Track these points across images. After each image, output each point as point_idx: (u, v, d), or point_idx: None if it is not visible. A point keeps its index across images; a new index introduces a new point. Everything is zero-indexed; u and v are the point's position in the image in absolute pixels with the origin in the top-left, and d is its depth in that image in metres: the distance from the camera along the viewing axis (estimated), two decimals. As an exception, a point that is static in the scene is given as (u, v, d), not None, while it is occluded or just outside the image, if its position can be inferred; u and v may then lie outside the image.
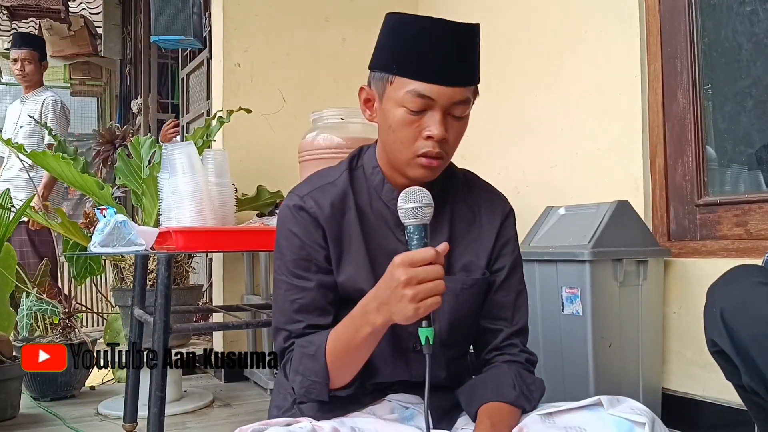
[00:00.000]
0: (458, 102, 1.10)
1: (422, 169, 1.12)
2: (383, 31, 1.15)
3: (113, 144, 3.01)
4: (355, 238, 1.18)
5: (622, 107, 2.35)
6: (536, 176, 2.72)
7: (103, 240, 1.90)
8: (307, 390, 1.12)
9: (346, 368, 1.12)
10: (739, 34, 2.13)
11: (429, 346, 1.02)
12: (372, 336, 1.06)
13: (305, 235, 1.16)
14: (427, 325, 1.01)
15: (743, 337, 1.15)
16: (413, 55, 1.08)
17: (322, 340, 1.11)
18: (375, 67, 1.15)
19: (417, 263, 0.99)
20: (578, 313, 1.98)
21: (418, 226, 1.03)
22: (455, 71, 1.09)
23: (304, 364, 1.11)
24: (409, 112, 1.09)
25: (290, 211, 1.18)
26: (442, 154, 1.12)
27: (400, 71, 1.09)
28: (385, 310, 1.01)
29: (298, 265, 1.17)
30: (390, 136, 1.14)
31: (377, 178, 1.21)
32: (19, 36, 4.64)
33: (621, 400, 1.10)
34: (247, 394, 2.88)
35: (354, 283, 1.17)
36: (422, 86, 1.08)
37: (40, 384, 2.75)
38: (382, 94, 1.14)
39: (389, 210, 1.19)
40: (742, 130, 2.16)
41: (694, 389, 2.10)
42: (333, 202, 1.18)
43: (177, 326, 1.85)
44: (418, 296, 0.98)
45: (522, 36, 2.81)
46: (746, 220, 2.04)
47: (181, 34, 3.50)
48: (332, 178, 1.22)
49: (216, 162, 2.16)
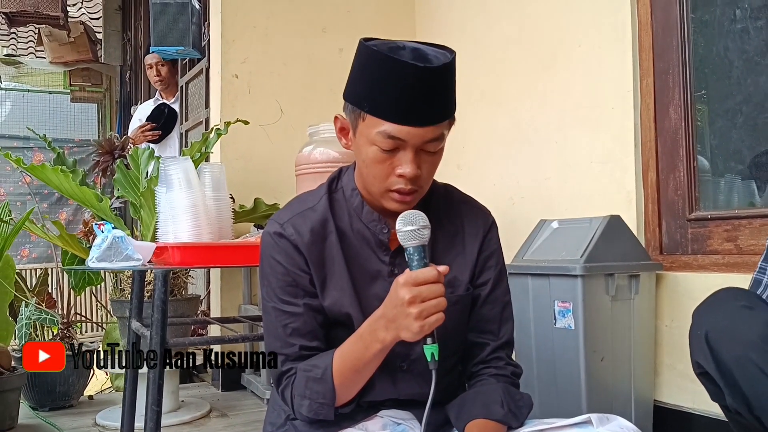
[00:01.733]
0: (431, 140, 1.09)
1: (396, 203, 1.13)
2: (355, 61, 1.13)
3: (112, 155, 3.03)
4: (338, 262, 1.19)
5: (614, 121, 2.37)
6: (531, 188, 2.75)
7: (101, 255, 1.91)
8: (316, 413, 1.15)
9: (354, 385, 1.15)
10: (730, 50, 2.16)
11: (435, 362, 1.06)
12: (381, 352, 1.10)
13: (288, 261, 1.18)
14: (432, 342, 1.06)
15: (727, 359, 1.17)
16: (383, 95, 1.07)
17: (327, 363, 1.13)
18: (348, 98, 1.15)
19: (420, 282, 1.03)
20: (570, 326, 2.00)
21: (418, 247, 1.07)
22: (427, 111, 1.07)
23: (310, 388, 1.14)
24: (381, 151, 1.09)
25: (271, 239, 1.20)
26: (415, 189, 1.12)
27: (370, 110, 1.09)
28: (392, 327, 1.05)
29: (285, 291, 1.18)
30: (364, 170, 1.15)
31: (356, 201, 1.22)
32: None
33: (611, 419, 1.12)
34: (244, 403, 2.90)
35: (339, 306, 1.19)
36: (393, 128, 1.07)
37: (38, 394, 2.77)
38: (356, 128, 1.14)
39: (370, 231, 1.21)
40: (733, 146, 2.18)
41: (685, 401, 2.13)
42: (313, 228, 1.19)
43: (173, 341, 1.87)
44: (422, 314, 1.02)
45: (516, 48, 2.83)
46: (736, 235, 2.06)
47: (180, 45, 3.53)
48: (312, 203, 1.23)
49: (213, 176, 2.18)
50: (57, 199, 6.42)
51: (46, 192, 6.28)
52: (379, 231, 1.21)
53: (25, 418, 2.65)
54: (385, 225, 1.20)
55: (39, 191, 6.04)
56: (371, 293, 1.20)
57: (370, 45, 1.09)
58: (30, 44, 7.49)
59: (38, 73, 7.02)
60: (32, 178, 3.06)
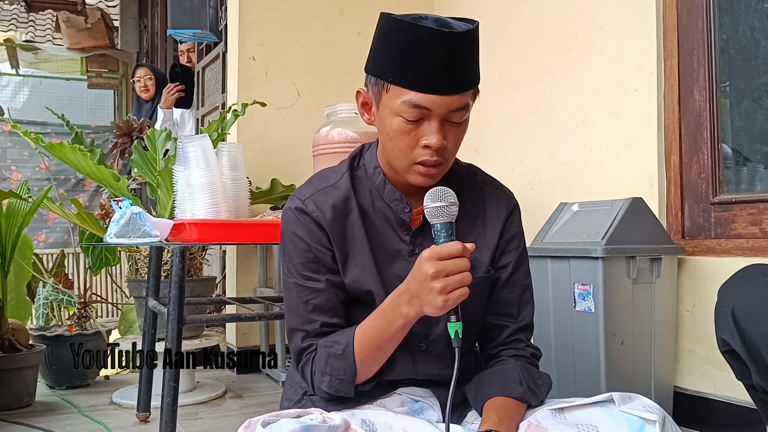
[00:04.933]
0: (456, 109, 1.08)
1: (421, 176, 1.12)
2: (377, 34, 1.11)
3: (130, 136, 3.02)
4: (359, 240, 1.18)
5: (637, 103, 2.34)
6: (550, 172, 2.72)
7: (119, 231, 1.91)
8: (336, 389, 1.13)
9: (375, 362, 1.14)
10: (757, 31, 2.11)
11: (458, 340, 1.04)
12: (404, 328, 1.09)
13: (310, 237, 1.17)
14: (456, 320, 1.04)
15: (754, 336, 1.15)
16: (407, 65, 1.05)
17: (349, 339, 1.12)
18: (370, 71, 1.13)
19: (444, 257, 1.01)
20: (590, 309, 1.98)
21: (445, 224, 1.05)
22: (451, 79, 1.06)
23: (331, 364, 1.13)
24: (406, 122, 1.08)
25: (293, 214, 1.18)
26: (441, 161, 1.10)
27: (395, 80, 1.07)
28: (416, 302, 1.04)
29: (307, 267, 1.17)
30: (388, 143, 1.13)
31: (378, 179, 1.20)
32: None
33: (632, 397, 1.10)
34: (260, 386, 2.90)
35: (360, 284, 1.17)
36: (418, 96, 1.05)
37: (56, 372, 2.79)
38: (379, 101, 1.12)
39: (391, 210, 1.20)
40: (759, 127, 2.14)
41: (706, 388, 2.09)
42: (335, 205, 1.18)
43: (190, 317, 1.87)
44: (446, 288, 1.00)
45: (537, 30, 2.79)
46: (761, 218, 2.02)
47: (197, 28, 3.52)
48: (334, 180, 1.21)
49: (230, 155, 2.17)
50: (74, 184, 6.46)
51: (63, 177, 6.32)
52: (400, 210, 1.19)
53: (43, 396, 2.67)
54: (407, 204, 1.19)
55: (56, 176, 6.08)
56: (391, 272, 1.18)
57: (393, 15, 1.08)
58: (48, 30, 7.53)
59: (55, 59, 7.06)
60: (49, 163, 3.07)
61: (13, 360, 2.45)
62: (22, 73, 7.44)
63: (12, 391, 2.47)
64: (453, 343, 1.04)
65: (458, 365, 1.03)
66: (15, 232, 2.48)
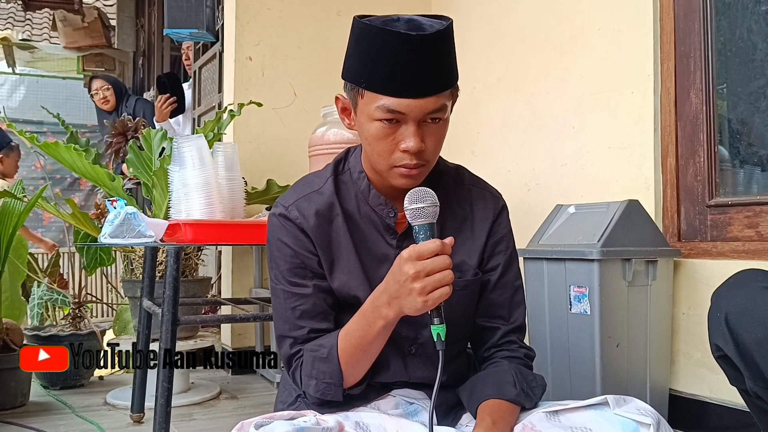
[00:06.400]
0: (432, 111, 1.06)
1: (403, 178, 1.10)
2: (350, 39, 1.10)
3: (125, 136, 3.02)
4: (345, 245, 1.17)
5: (634, 106, 2.33)
6: (547, 173, 2.71)
7: (113, 231, 1.91)
8: (323, 393, 1.13)
9: (360, 365, 1.13)
10: (754, 33, 2.11)
11: (441, 342, 1.03)
12: (385, 329, 1.08)
13: (295, 243, 1.16)
14: (439, 323, 1.03)
15: (747, 341, 1.14)
16: (379, 70, 1.03)
17: (333, 342, 1.12)
18: (345, 77, 1.12)
19: (424, 256, 1.00)
20: (586, 312, 1.97)
21: (423, 225, 1.04)
22: (424, 82, 1.04)
23: (317, 367, 1.12)
24: (383, 126, 1.06)
25: (278, 221, 1.18)
26: (421, 163, 1.09)
27: (368, 86, 1.06)
28: (395, 303, 1.03)
29: (294, 273, 1.16)
30: (368, 147, 1.12)
31: (363, 184, 1.19)
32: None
33: (627, 400, 1.09)
34: (254, 387, 2.90)
35: (348, 289, 1.17)
36: (391, 101, 1.04)
37: (50, 373, 2.77)
38: (356, 106, 1.11)
39: (377, 215, 1.19)
40: (755, 130, 2.14)
41: (702, 390, 2.09)
42: (318, 211, 1.17)
43: (185, 318, 1.86)
44: (426, 289, 0.99)
45: (534, 32, 2.79)
46: (757, 221, 2.02)
47: (194, 28, 3.51)
48: (318, 185, 1.20)
49: (226, 155, 2.17)
50: (69, 184, 6.45)
51: (58, 177, 6.31)
52: (386, 215, 1.19)
53: (37, 396, 2.66)
54: (392, 209, 1.18)
55: (52, 176, 6.07)
56: (379, 276, 1.16)
57: (363, 20, 1.06)
58: (45, 29, 7.51)
59: (52, 58, 7.04)
60: (45, 162, 3.06)
61: (8, 360, 2.44)
62: (18, 71, 7.42)
63: (6, 391, 2.46)
64: (437, 345, 1.03)
65: (441, 368, 1.02)
66: (10, 231, 2.46)
